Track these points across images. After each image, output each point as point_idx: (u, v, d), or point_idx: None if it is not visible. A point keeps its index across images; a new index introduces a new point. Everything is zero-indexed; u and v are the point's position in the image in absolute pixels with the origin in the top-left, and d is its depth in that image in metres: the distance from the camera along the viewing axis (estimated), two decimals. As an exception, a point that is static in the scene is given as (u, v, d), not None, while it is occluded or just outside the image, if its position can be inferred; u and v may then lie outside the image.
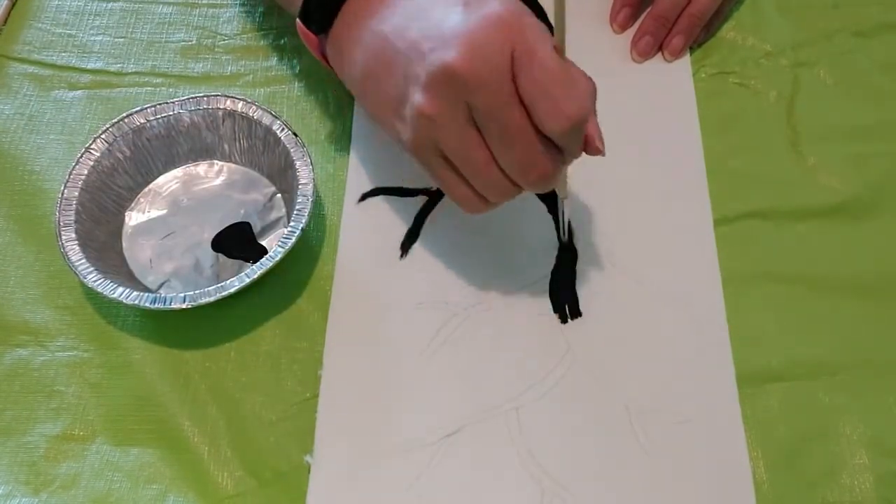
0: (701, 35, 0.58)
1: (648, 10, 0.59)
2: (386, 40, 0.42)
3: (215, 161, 0.53)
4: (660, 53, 0.58)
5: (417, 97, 0.40)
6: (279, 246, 0.47)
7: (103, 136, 0.51)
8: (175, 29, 0.61)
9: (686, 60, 0.58)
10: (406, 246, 0.51)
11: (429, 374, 0.47)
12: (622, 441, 0.45)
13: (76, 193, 0.49)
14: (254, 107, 0.52)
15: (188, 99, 0.52)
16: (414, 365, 0.47)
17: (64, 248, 0.47)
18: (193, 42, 0.60)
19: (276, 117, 0.51)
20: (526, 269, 0.50)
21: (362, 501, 0.44)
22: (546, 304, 0.49)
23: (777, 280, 0.50)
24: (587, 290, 0.49)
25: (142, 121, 0.51)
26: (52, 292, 0.50)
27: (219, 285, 0.46)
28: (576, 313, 0.49)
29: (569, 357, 0.47)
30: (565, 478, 0.44)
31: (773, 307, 0.49)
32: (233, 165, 0.53)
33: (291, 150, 0.50)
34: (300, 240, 0.47)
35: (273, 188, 0.52)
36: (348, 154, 0.55)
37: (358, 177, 0.54)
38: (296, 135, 0.50)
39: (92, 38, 0.60)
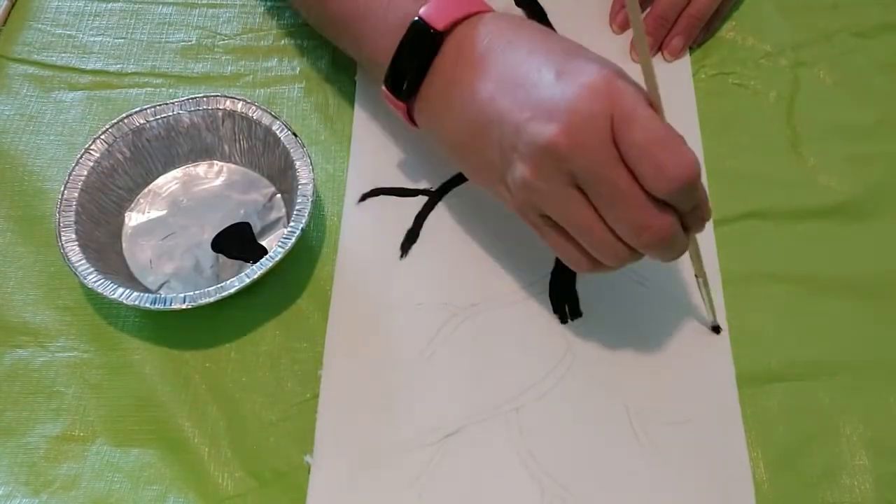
0: (700, 35, 0.58)
1: (648, 10, 0.59)
2: (478, 109, 0.42)
3: (215, 161, 0.53)
4: (659, 53, 0.58)
5: (519, 168, 0.40)
6: (279, 246, 0.47)
7: (103, 137, 0.51)
8: (175, 29, 0.61)
9: (686, 61, 0.58)
10: (406, 246, 0.51)
11: (429, 375, 0.47)
12: (622, 441, 0.45)
13: (76, 194, 0.49)
14: (253, 107, 0.52)
15: (188, 99, 0.52)
16: (414, 365, 0.47)
17: (64, 249, 0.47)
18: (193, 42, 0.60)
19: (276, 118, 0.51)
20: (526, 269, 0.50)
21: (362, 501, 0.44)
22: (546, 304, 0.49)
23: (777, 280, 0.50)
24: (587, 290, 0.49)
25: (141, 121, 0.51)
26: (52, 293, 0.50)
27: (219, 286, 0.46)
28: (576, 313, 0.49)
29: (569, 357, 0.47)
30: (565, 478, 0.44)
31: (773, 307, 0.49)
32: (232, 166, 0.53)
33: (291, 151, 0.50)
34: (300, 240, 0.47)
35: (273, 188, 0.52)
36: (348, 154, 0.55)
37: (358, 177, 0.54)
38: (295, 135, 0.50)
39: (92, 39, 0.60)
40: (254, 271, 0.46)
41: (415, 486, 0.44)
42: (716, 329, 0.48)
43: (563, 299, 0.49)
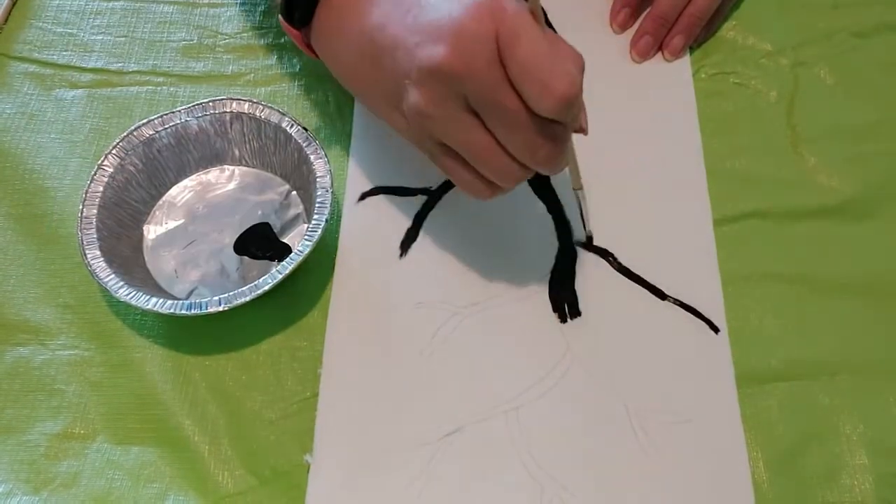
0: (701, 35, 0.58)
1: (648, 10, 0.59)
2: (370, 36, 0.42)
3: (226, 166, 0.53)
4: (660, 53, 0.58)
5: (412, 94, 0.40)
6: (306, 239, 0.47)
7: (114, 152, 0.50)
8: (176, 28, 0.61)
9: (686, 60, 0.58)
10: (406, 245, 0.51)
11: (428, 374, 0.47)
12: (622, 441, 0.45)
13: (94, 211, 0.49)
14: (260, 106, 0.52)
15: (194, 105, 0.52)
16: (413, 364, 0.47)
17: (91, 267, 0.47)
18: (194, 41, 0.60)
19: (284, 114, 0.51)
20: (526, 269, 0.50)
21: (362, 500, 0.44)
22: (546, 303, 0.49)
23: (777, 280, 0.50)
24: (587, 290, 0.49)
25: (150, 132, 0.51)
26: (53, 291, 0.50)
27: (252, 284, 0.46)
28: (576, 313, 0.49)
29: (568, 357, 0.48)
30: (565, 477, 0.44)
31: (773, 307, 0.49)
32: (244, 168, 0.53)
33: (304, 146, 0.50)
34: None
35: (287, 186, 0.53)
36: (348, 154, 0.55)
37: (358, 176, 0.54)
38: (305, 129, 0.50)
39: (93, 38, 0.60)
40: (284, 267, 0.46)
41: (414, 484, 0.44)
42: (589, 240, 0.49)
43: (563, 299, 0.49)
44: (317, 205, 0.48)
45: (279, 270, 0.46)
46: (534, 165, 0.40)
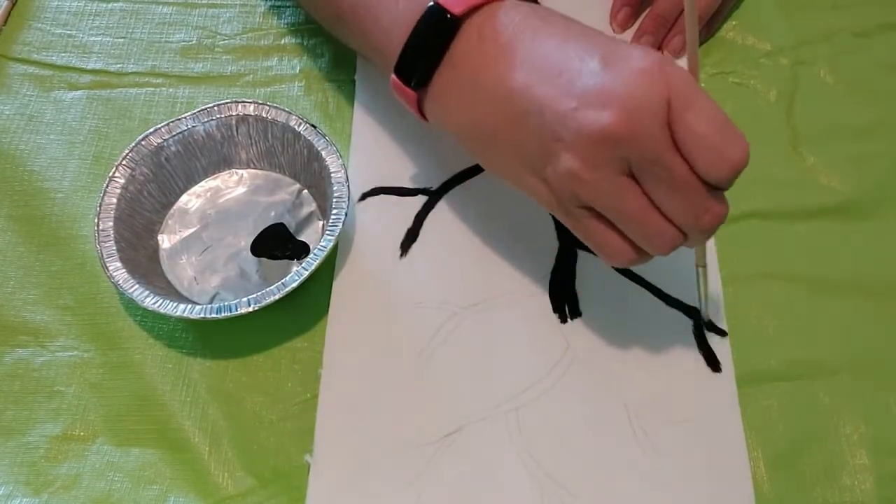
0: (701, 35, 0.58)
1: (648, 9, 0.59)
2: (510, 98, 0.40)
3: (234, 170, 0.53)
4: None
5: (565, 158, 0.38)
6: (328, 234, 0.47)
7: (124, 163, 0.50)
8: (175, 29, 0.61)
9: (686, 60, 0.58)
10: (406, 245, 0.51)
11: (428, 374, 0.47)
12: (622, 441, 0.45)
13: (111, 224, 0.48)
14: (266, 107, 0.51)
15: (200, 111, 0.52)
16: (413, 364, 0.47)
17: (114, 279, 0.46)
18: (193, 42, 0.60)
19: (290, 113, 0.51)
20: (526, 269, 0.50)
21: (362, 501, 0.44)
22: (546, 303, 0.49)
23: (777, 280, 0.50)
24: (587, 290, 0.49)
25: (159, 140, 0.51)
26: (53, 292, 0.50)
27: (279, 283, 0.46)
28: (576, 313, 0.49)
29: (568, 357, 0.48)
30: (565, 477, 0.44)
31: (773, 307, 0.49)
32: (252, 171, 0.53)
33: (314, 142, 0.50)
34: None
35: (298, 185, 0.52)
36: (348, 154, 0.55)
37: (358, 176, 0.54)
38: (314, 126, 0.50)
39: (92, 39, 0.60)
40: (309, 263, 0.46)
41: (414, 485, 0.44)
42: (711, 326, 0.48)
43: (563, 299, 0.49)
44: (334, 199, 0.48)
45: (304, 267, 0.46)
46: (696, 230, 0.39)
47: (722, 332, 0.48)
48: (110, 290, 0.50)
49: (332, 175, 0.49)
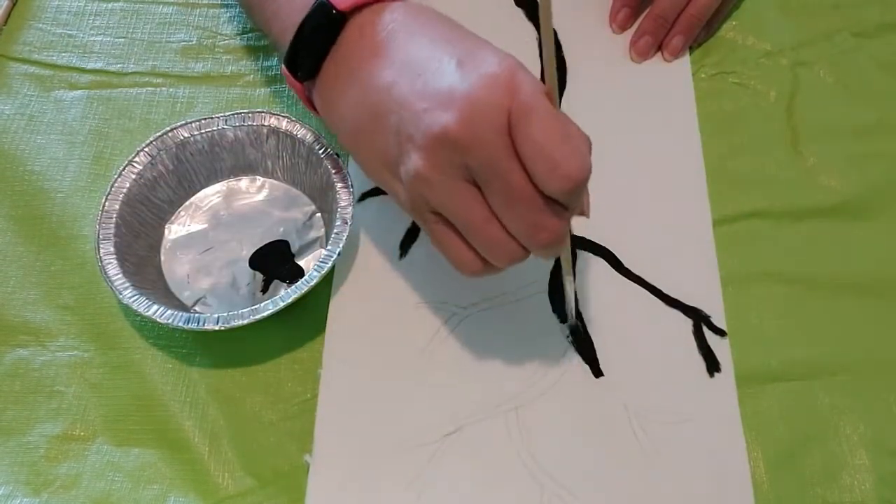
0: (701, 35, 0.58)
1: (648, 9, 0.59)
2: (376, 96, 0.41)
3: (258, 177, 0.53)
4: (659, 53, 0.58)
5: (413, 158, 0.38)
6: (315, 270, 0.46)
7: (146, 150, 0.50)
8: (175, 29, 0.61)
9: (686, 60, 0.58)
10: (406, 245, 0.51)
11: (428, 374, 0.47)
12: (621, 441, 0.45)
13: (117, 206, 0.49)
14: (297, 125, 0.51)
15: (232, 115, 0.52)
16: (413, 364, 0.47)
17: (102, 262, 0.46)
18: (194, 42, 0.60)
19: (319, 137, 0.50)
20: (526, 269, 0.50)
21: (361, 501, 0.44)
22: (546, 303, 0.49)
23: (777, 280, 0.50)
24: (587, 290, 0.49)
25: (185, 135, 0.51)
26: (53, 292, 0.50)
27: (252, 308, 0.45)
28: (575, 313, 0.49)
29: (568, 356, 0.48)
30: (564, 477, 0.44)
31: (772, 307, 0.49)
32: (275, 182, 0.53)
33: (333, 172, 0.49)
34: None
35: (313, 206, 0.52)
36: (348, 153, 0.55)
37: (358, 177, 0.53)
38: (338, 155, 0.50)
39: (92, 39, 0.60)
40: (288, 294, 0.45)
41: (414, 485, 0.44)
42: (571, 330, 0.48)
43: (563, 299, 0.49)
44: (333, 234, 0.47)
45: (282, 298, 0.45)
46: (532, 246, 0.39)
47: (721, 332, 0.48)
48: (111, 291, 0.50)
49: (339, 210, 0.48)
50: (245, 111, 0.52)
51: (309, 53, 0.44)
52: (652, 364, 0.47)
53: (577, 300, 0.48)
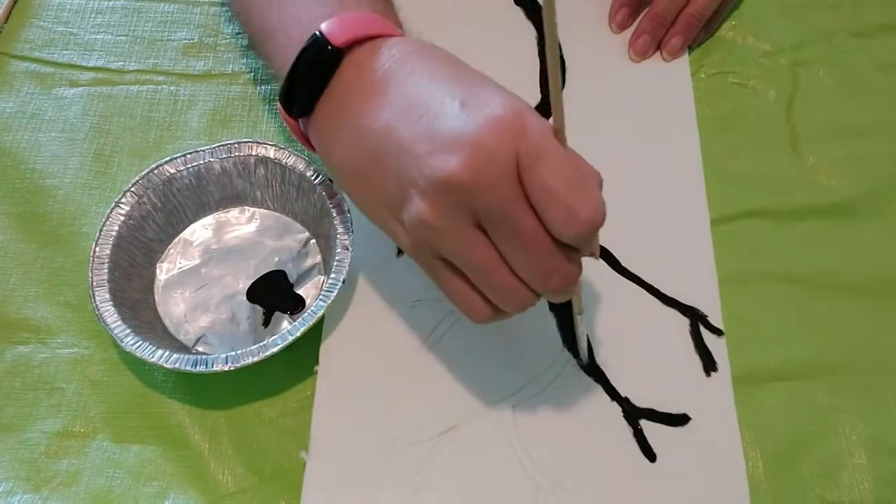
0: (700, 35, 0.58)
1: (647, 9, 0.59)
2: (375, 138, 0.39)
3: (246, 207, 0.52)
4: (658, 53, 0.58)
5: (417, 204, 0.37)
6: (321, 300, 0.45)
7: (133, 190, 0.49)
8: (177, 27, 0.61)
9: (685, 60, 0.58)
10: (405, 244, 0.51)
11: (425, 371, 0.47)
12: (618, 439, 0.45)
13: (108, 251, 0.47)
14: (286, 152, 0.50)
15: (218, 147, 0.50)
16: (410, 362, 0.47)
17: (99, 310, 0.45)
18: (195, 40, 0.60)
19: (310, 163, 0.49)
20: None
21: (358, 497, 0.44)
22: (543, 303, 0.49)
23: (775, 280, 0.50)
24: (585, 289, 0.49)
25: (172, 171, 0.50)
26: (53, 289, 0.50)
27: (261, 345, 0.44)
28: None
29: (565, 355, 0.48)
30: (560, 475, 0.44)
31: (771, 307, 0.49)
32: (264, 211, 0.52)
33: (327, 198, 0.48)
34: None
35: (307, 233, 0.51)
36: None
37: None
38: (331, 181, 0.49)
39: (93, 36, 0.60)
40: (296, 328, 0.44)
41: (410, 482, 0.44)
42: (586, 367, 0.47)
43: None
44: (335, 262, 0.46)
45: (290, 332, 0.44)
46: (544, 290, 0.37)
47: (718, 332, 0.48)
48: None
49: (338, 237, 0.47)
50: (232, 142, 0.50)
51: (304, 90, 0.42)
52: (648, 363, 0.47)
53: (588, 339, 0.47)
